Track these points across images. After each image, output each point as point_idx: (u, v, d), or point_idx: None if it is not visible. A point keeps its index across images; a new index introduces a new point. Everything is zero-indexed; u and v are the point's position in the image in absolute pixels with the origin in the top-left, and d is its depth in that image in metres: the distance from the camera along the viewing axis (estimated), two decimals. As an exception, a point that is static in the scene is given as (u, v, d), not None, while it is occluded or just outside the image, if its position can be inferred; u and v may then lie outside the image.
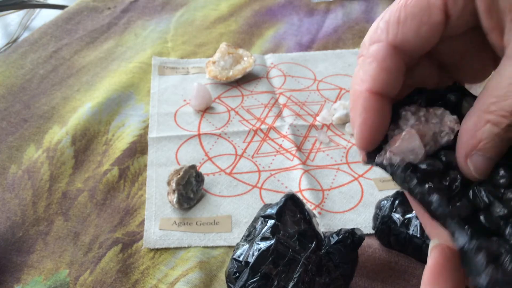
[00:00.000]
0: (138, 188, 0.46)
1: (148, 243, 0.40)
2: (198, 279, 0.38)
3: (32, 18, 0.82)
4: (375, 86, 0.20)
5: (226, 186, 0.46)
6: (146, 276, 0.38)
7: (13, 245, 0.41)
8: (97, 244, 0.41)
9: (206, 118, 0.54)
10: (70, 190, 0.45)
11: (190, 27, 0.71)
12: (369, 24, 0.71)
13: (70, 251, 0.40)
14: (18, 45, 0.66)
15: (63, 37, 0.68)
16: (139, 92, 0.58)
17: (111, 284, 0.38)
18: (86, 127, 0.52)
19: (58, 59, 0.63)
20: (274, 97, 0.57)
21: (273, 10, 0.75)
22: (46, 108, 0.55)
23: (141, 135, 0.51)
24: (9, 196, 0.45)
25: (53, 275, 0.38)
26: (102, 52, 0.65)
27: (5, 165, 0.48)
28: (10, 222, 0.42)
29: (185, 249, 0.40)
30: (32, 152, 0.49)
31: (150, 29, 0.70)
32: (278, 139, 0.51)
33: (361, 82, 0.20)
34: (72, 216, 0.43)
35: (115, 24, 0.71)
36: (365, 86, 0.20)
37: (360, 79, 0.20)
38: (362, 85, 0.20)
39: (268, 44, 0.67)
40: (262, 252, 0.32)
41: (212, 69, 0.58)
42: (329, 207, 0.44)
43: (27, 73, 0.61)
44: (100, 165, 0.48)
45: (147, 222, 0.42)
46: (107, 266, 0.39)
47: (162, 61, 0.62)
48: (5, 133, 0.52)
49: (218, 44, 0.63)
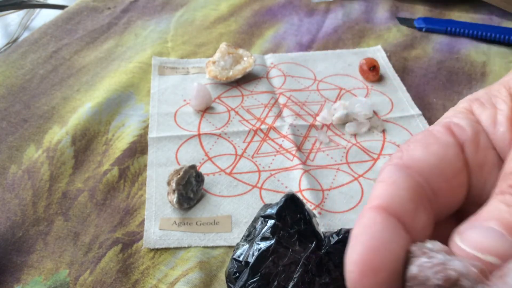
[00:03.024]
0: (138, 188, 0.46)
1: (148, 243, 0.40)
2: (198, 279, 0.38)
3: (32, 18, 0.82)
4: (380, 200, 0.16)
5: (226, 186, 0.46)
6: (146, 276, 0.38)
7: (13, 245, 0.41)
8: (97, 244, 0.41)
9: (206, 118, 0.54)
10: (70, 190, 0.45)
11: (190, 27, 0.71)
12: (369, 24, 0.71)
13: (70, 251, 0.40)
14: (18, 45, 0.66)
15: (63, 37, 0.68)
16: (139, 92, 0.58)
17: (111, 284, 0.38)
18: (86, 127, 0.52)
19: (58, 59, 0.63)
20: (274, 97, 0.57)
21: (273, 10, 0.75)
22: (46, 108, 0.55)
23: (141, 135, 0.51)
24: (9, 196, 0.45)
25: (53, 275, 0.38)
26: (102, 52, 0.65)
27: (5, 165, 0.48)
28: (10, 222, 0.42)
29: (185, 249, 0.40)
30: (32, 152, 0.49)
31: (150, 29, 0.70)
32: (278, 139, 0.51)
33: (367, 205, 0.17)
34: (72, 216, 0.43)
35: (115, 24, 0.71)
36: (370, 204, 0.16)
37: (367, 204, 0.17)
38: (367, 206, 0.17)
39: (268, 44, 0.67)
40: (262, 252, 0.32)
41: (212, 69, 0.58)
42: (329, 207, 0.44)
43: (27, 73, 0.61)
44: (100, 165, 0.48)
45: (147, 222, 0.42)
46: (107, 266, 0.39)
47: (162, 61, 0.62)
48: (5, 133, 0.52)
49: (218, 44, 0.63)
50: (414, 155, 0.17)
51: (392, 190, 0.16)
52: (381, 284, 0.15)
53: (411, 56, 0.64)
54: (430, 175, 0.17)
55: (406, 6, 0.75)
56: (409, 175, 0.17)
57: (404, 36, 0.68)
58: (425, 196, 0.17)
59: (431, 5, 0.75)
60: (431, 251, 0.15)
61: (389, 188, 0.16)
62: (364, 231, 0.15)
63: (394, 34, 0.68)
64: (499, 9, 0.72)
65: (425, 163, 0.17)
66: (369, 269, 0.15)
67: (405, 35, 0.68)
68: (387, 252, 0.15)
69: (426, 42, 0.67)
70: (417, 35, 0.68)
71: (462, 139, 0.18)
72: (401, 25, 0.71)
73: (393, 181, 0.17)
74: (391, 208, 0.16)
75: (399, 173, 0.17)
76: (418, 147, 0.17)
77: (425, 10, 0.74)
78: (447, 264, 0.15)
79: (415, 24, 0.70)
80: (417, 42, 0.67)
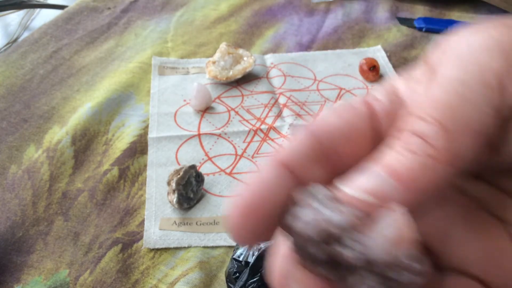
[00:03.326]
0: (138, 188, 0.46)
1: (148, 243, 0.40)
2: (198, 279, 0.38)
3: (32, 18, 0.82)
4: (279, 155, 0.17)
5: (226, 186, 0.46)
6: (146, 276, 0.38)
7: (13, 245, 0.41)
8: (97, 244, 0.41)
9: (206, 118, 0.54)
10: (70, 190, 0.45)
11: (190, 27, 0.71)
12: (369, 24, 0.71)
13: (70, 251, 0.40)
14: (18, 45, 0.66)
15: (63, 37, 0.68)
16: (139, 92, 0.58)
17: (111, 284, 0.38)
18: (86, 127, 0.52)
19: (58, 59, 0.63)
20: (274, 97, 0.57)
21: (273, 10, 0.75)
22: (46, 108, 0.55)
23: (141, 135, 0.51)
24: (9, 196, 0.45)
25: (53, 275, 0.38)
26: (102, 52, 0.65)
27: (5, 165, 0.48)
28: (10, 222, 0.42)
29: (185, 249, 0.40)
30: (32, 152, 0.49)
31: (150, 29, 0.70)
32: (278, 139, 0.51)
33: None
34: (72, 216, 0.43)
35: (115, 24, 0.71)
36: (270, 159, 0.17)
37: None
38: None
39: (268, 44, 0.67)
40: (262, 252, 0.32)
41: (212, 69, 0.58)
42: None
43: (27, 73, 0.61)
44: (100, 165, 0.48)
45: (147, 222, 0.42)
46: (107, 266, 0.39)
47: (162, 61, 0.62)
48: (5, 133, 0.52)
49: (218, 44, 0.63)
50: (326, 121, 0.18)
51: (293, 147, 0.17)
52: (258, 227, 0.16)
53: (411, 56, 0.64)
54: (337, 139, 0.18)
55: (406, 6, 0.75)
56: (314, 136, 0.18)
57: (404, 36, 0.68)
58: (326, 156, 0.18)
59: (431, 5, 0.75)
60: (313, 197, 0.16)
61: (291, 146, 0.17)
62: (253, 178, 0.16)
63: (394, 34, 0.68)
64: (499, 9, 0.72)
65: (334, 128, 0.18)
66: (249, 211, 0.15)
67: (405, 35, 0.68)
68: (269, 196, 0.16)
69: (426, 42, 0.67)
70: (417, 35, 0.68)
71: (376, 110, 0.19)
72: (401, 25, 0.71)
73: (298, 140, 0.18)
74: (287, 160, 0.17)
75: (307, 134, 0.18)
76: (331, 114, 0.18)
77: (425, 10, 0.74)
78: (323, 217, 0.15)
79: (415, 24, 0.70)
80: (417, 42, 0.67)
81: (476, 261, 0.18)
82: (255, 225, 0.16)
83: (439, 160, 0.16)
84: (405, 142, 0.16)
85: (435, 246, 0.19)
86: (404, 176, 0.15)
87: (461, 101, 0.16)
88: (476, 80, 0.16)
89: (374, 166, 0.16)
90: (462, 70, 0.16)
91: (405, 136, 0.16)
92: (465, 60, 0.16)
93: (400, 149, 0.16)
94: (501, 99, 0.16)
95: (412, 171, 0.15)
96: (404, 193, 0.15)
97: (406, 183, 0.15)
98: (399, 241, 0.14)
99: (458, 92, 0.16)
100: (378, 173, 0.16)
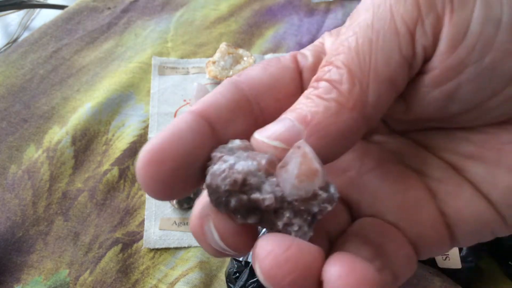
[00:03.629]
0: (138, 188, 0.46)
1: (148, 243, 0.40)
2: (198, 279, 0.38)
3: (32, 18, 0.82)
4: (198, 106, 0.17)
5: (226, 186, 0.46)
6: (146, 276, 0.38)
7: (13, 245, 0.41)
8: (97, 244, 0.41)
9: (206, 118, 0.54)
10: (70, 190, 0.45)
11: (190, 27, 0.71)
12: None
13: (70, 251, 0.40)
14: (18, 45, 0.66)
15: (63, 37, 0.68)
16: (139, 92, 0.58)
17: (111, 284, 0.38)
18: (86, 127, 0.52)
19: (58, 59, 0.63)
20: (274, 97, 0.57)
21: (273, 10, 0.75)
22: (46, 108, 0.55)
23: (141, 135, 0.51)
24: (9, 196, 0.45)
25: (53, 275, 0.38)
26: (102, 52, 0.65)
27: (5, 165, 0.48)
28: (10, 222, 0.42)
29: (185, 249, 0.40)
30: (32, 152, 0.49)
31: (150, 29, 0.70)
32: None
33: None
34: (72, 216, 0.43)
35: (115, 24, 0.71)
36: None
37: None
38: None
39: (268, 44, 0.67)
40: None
41: (212, 69, 0.58)
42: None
43: (27, 73, 0.61)
44: (100, 165, 0.48)
45: (147, 222, 0.42)
46: (107, 266, 0.39)
47: (162, 61, 0.62)
48: (5, 133, 0.52)
49: (218, 44, 0.63)
50: (251, 74, 0.18)
51: (214, 99, 0.17)
52: (169, 177, 0.15)
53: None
54: (261, 93, 0.18)
55: (406, 6, 0.75)
56: (238, 89, 0.17)
57: (404, 36, 0.68)
58: (249, 109, 0.17)
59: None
60: (230, 151, 0.16)
61: (212, 97, 0.17)
62: (168, 127, 0.16)
63: (394, 34, 0.68)
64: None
65: (259, 81, 0.18)
66: (157, 158, 0.15)
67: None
68: (182, 145, 0.15)
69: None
70: (417, 35, 0.68)
71: (302, 66, 0.19)
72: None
73: (219, 92, 0.17)
74: (205, 112, 0.16)
75: (229, 86, 0.17)
76: (258, 68, 0.18)
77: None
78: (233, 168, 0.15)
79: (415, 24, 0.70)
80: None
81: (392, 210, 0.18)
82: (165, 175, 0.15)
83: (344, 105, 0.15)
84: (315, 88, 0.16)
85: (353, 197, 0.19)
86: (310, 120, 0.15)
87: (370, 46, 0.16)
88: (386, 26, 0.16)
89: (287, 114, 0.16)
90: (375, 17, 0.16)
91: (316, 83, 0.16)
92: (377, 6, 0.16)
93: (311, 96, 0.16)
94: (410, 48, 0.16)
95: (317, 115, 0.15)
96: (311, 138, 0.15)
97: (312, 127, 0.15)
98: (306, 175, 0.15)
99: (367, 37, 0.16)
100: (289, 120, 0.16)
